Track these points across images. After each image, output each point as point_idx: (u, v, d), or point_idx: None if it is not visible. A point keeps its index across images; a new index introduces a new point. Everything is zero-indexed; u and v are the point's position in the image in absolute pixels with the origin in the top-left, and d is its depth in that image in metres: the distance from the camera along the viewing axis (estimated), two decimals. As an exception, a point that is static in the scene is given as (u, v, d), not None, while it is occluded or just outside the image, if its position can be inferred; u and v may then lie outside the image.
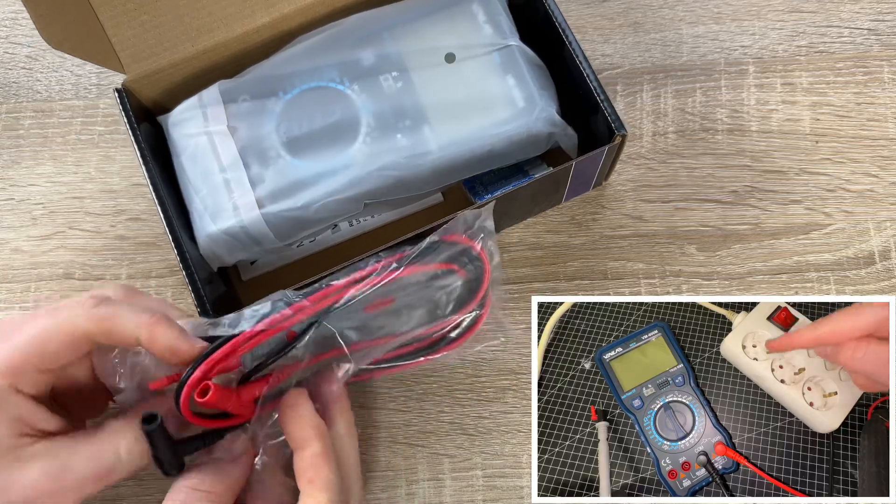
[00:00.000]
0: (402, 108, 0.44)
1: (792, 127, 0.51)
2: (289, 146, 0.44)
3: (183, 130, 0.45)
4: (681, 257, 0.49)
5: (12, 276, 0.50)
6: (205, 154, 0.44)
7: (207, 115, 0.44)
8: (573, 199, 0.50)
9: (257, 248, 0.45)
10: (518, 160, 0.46)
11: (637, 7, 0.54)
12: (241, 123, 0.44)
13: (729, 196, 0.50)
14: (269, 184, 0.43)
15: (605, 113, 0.43)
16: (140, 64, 0.45)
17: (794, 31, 0.53)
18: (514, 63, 0.45)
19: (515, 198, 0.44)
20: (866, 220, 0.49)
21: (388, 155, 0.44)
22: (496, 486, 0.46)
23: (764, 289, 0.48)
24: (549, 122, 0.44)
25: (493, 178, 0.46)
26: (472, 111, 0.44)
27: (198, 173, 0.44)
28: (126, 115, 0.44)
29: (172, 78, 0.47)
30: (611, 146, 0.43)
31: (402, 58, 0.45)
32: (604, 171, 0.47)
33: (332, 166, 0.44)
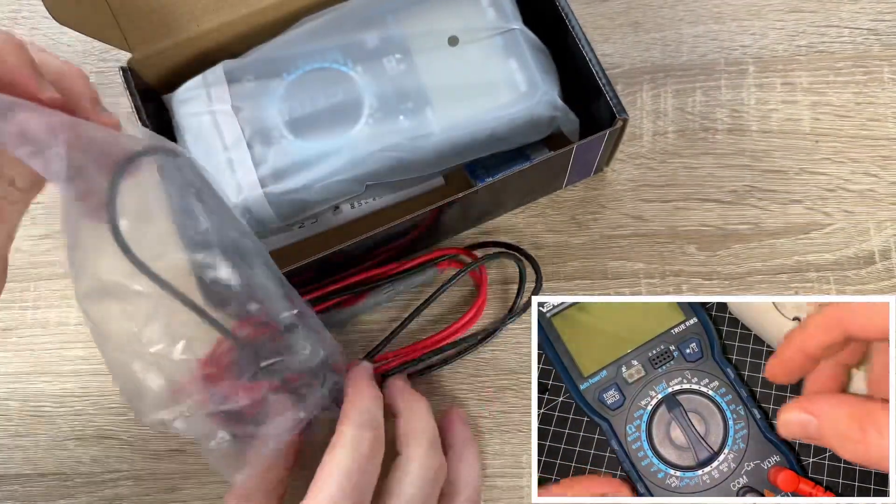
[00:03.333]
0: (405, 90, 0.45)
1: (792, 127, 0.51)
2: (291, 126, 0.44)
3: (187, 109, 0.45)
4: (681, 257, 0.49)
5: (11, 276, 0.50)
6: (208, 133, 0.44)
7: (211, 94, 0.45)
8: (569, 190, 0.50)
9: (259, 228, 0.45)
10: (520, 144, 0.46)
11: (637, 6, 0.54)
12: (244, 103, 0.45)
13: (729, 196, 0.50)
14: (271, 163, 0.44)
15: (608, 97, 0.43)
16: (146, 43, 0.46)
17: (794, 30, 0.53)
18: (516, 47, 0.45)
19: (516, 181, 0.44)
20: (866, 219, 0.49)
21: (390, 136, 0.44)
22: (496, 486, 0.46)
23: (764, 289, 0.48)
24: (550, 106, 0.44)
25: (494, 162, 0.47)
26: (474, 94, 0.45)
27: (201, 152, 0.44)
28: (131, 93, 0.45)
29: (177, 58, 0.47)
30: (612, 130, 0.43)
31: (405, 40, 0.45)
32: (604, 157, 0.48)
33: (335, 146, 0.44)
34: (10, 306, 0.50)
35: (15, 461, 0.48)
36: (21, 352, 0.49)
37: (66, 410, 0.48)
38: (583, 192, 0.50)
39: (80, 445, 0.48)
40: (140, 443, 0.48)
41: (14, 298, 0.50)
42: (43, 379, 0.49)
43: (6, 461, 0.48)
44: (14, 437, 0.48)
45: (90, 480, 0.47)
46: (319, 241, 0.49)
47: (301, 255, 0.43)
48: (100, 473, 0.47)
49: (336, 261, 0.44)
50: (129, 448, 0.48)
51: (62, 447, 0.48)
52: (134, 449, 0.47)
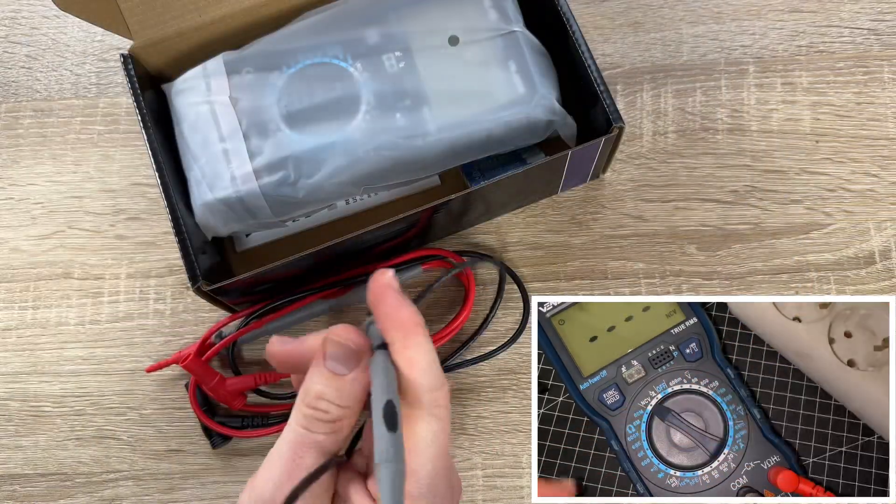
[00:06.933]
0: (403, 89, 0.44)
1: (792, 127, 0.51)
2: (288, 120, 0.44)
3: (185, 99, 0.45)
4: (681, 257, 0.49)
5: (11, 276, 0.50)
6: (206, 123, 0.44)
7: (210, 85, 0.45)
8: (569, 191, 0.50)
9: (252, 221, 0.45)
10: (517, 146, 0.46)
11: (637, 6, 0.54)
12: (243, 95, 0.45)
13: (729, 196, 0.50)
14: (266, 156, 0.44)
15: (604, 104, 0.43)
16: (147, 31, 0.46)
17: (794, 30, 0.53)
18: (516, 49, 0.45)
19: (511, 184, 0.44)
20: (866, 219, 0.49)
21: (385, 134, 0.44)
22: (496, 486, 0.46)
23: (764, 289, 0.48)
24: (548, 110, 0.44)
25: (490, 164, 0.47)
26: (472, 95, 0.44)
27: (198, 142, 0.44)
28: (130, 80, 0.45)
29: (178, 47, 0.47)
30: (608, 137, 0.43)
31: (405, 38, 0.45)
32: (600, 164, 0.47)
33: (330, 141, 0.44)
34: (10, 306, 0.50)
35: (15, 461, 0.48)
36: (21, 352, 0.49)
37: (66, 410, 0.48)
38: (583, 192, 0.50)
39: (80, 445, 0.48)
40: (140, 443, 0.48)
41: (14, 298, 0.50)
42: (43, 379, 0.49)
43: (6, 461, 0.48)
44: (14, 437, 0.48)
45: (90, 480, 0.47)
46: (313, 235, 0.49)
47: (294, 249, 0.43)
48: (100, 473, 0.47)
49: (329, 256, 0.44)
50: (129, 448, 0.48)
51: (62, 447, 0.48)
52: (134, 449, 0.47)
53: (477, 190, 0.43)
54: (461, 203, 0.44)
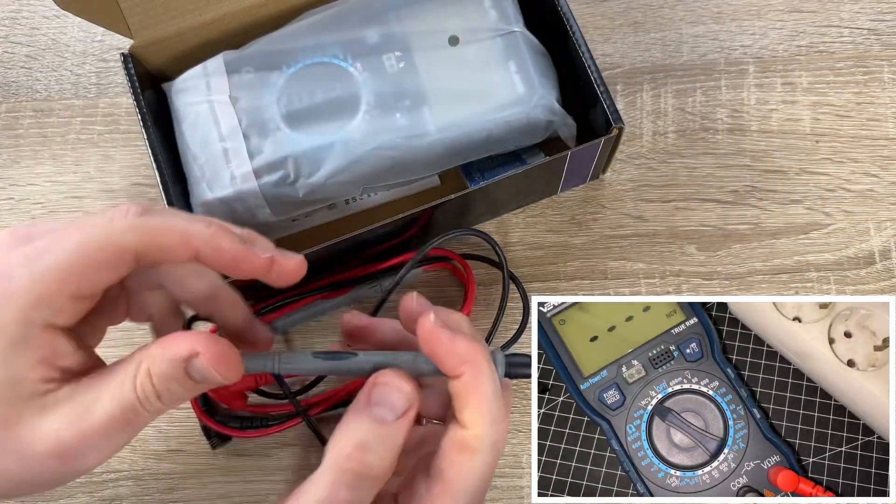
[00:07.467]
0: (403, 89, 0.45)
1: (792, 127, 0.51)
2: (288, 119, 0.44)
3: (185, 98, 0.45)
4: (681, 257, 0.49)
5: (11, 276, 0.50)
6: (206, 122, 0.44)
7: (210, 84, 0.45)
8: (569, 191, 0.50)
9: (252, 221, 0.45)
10: (517, 147, 0.46)
11: (637, 7, 0.54)
12: (243, 94, 0.45)
13: (729, 196, 0.50)
14: (266, 155, 0.44)
15: (604, 105, 0.43)
16: (147, 30, 0.46)
17: (794, 30, 0.53)
18: (516, 49, 0.45)
19: (511, 184, 0.44)
20: (866, 219, 0.49)
21: (385, 134, 0.44)
22: (496, 486, 0.46)
23: (764, 289, 0.48)
24: (548, 110, 0.44)
25: (490, 164, 0.47)
26: (472, 95, 0.45)
27: (197, 141, 0.44)
28: (130, 80, 0.45)
29: (178, 46, 0.47)
30: (607, 138, 0.43)
31: (406, 38, 0.45)
32: (600, 165, 0.47)
33: (330, 141, 0.44)
34: (10, 306, 0.50)
35: (15, 461, 0.48)
36: (21, 352, 0.49)
37: (66, 410, 0.48)
38: (583, 192, 0.50)
39: (80, 445, 0.48)
40: (140, 443, 0.47)
41: (14, 298, 0.50)
42: (43, 379, 0.49)
43: (6, 461, 0.48)
44: (14, 437, 0.48)
45: (90, 480, 0.47)
46: (313, 235, 0.49)
47: (294, 248, 0.42)
48: (99, 473, 0.47)
49: (327, 255, 0.44)
50: (129, 448, 0.47)
51: (62, 447, 0.48)
52: (134, 449, 0.47)
53: (476, 190, 0.43)
54: (461, 203, 0.44)
